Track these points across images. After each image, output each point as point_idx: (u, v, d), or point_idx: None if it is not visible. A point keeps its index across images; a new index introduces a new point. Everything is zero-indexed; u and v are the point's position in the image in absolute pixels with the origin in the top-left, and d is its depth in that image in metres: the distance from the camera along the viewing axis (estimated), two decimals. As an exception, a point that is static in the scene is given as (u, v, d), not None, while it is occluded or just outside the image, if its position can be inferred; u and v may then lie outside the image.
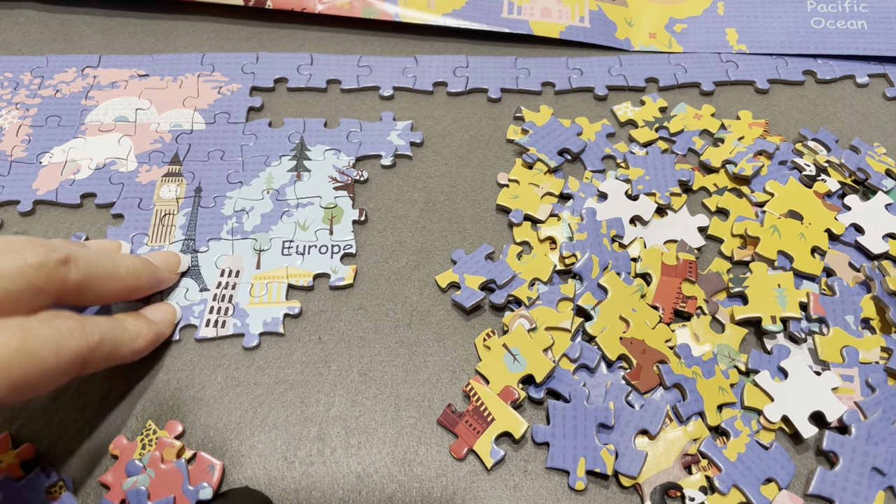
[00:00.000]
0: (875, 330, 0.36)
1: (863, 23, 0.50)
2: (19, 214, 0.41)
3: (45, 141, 0.44)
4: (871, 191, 0.42)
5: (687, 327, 0.37)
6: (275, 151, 0.44)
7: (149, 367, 0.36)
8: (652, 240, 0.40)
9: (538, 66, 0.49)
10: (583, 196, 0.42)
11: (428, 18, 0.49)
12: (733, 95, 0.48)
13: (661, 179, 0.42)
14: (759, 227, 0.39)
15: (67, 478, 0.32)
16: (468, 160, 0.44)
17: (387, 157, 0.44)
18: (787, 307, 0.37)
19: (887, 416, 0.34)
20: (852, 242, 0.40)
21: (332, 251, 0.40)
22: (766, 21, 0.50)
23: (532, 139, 0.44)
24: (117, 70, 0.48)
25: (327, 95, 0.47)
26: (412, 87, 0.47)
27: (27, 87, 0.46)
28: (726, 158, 0.43)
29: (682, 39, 0.50)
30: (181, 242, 0.40)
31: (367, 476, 0.33)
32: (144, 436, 0.33)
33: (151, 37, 0.50)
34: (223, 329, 0.37)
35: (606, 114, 0.47)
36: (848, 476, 0.32)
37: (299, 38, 0.50)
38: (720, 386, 0.35)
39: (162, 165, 0.43)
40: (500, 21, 0.50)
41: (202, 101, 0.46)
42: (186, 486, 0.32)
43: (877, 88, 0.48)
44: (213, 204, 0.41)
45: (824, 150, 0.44)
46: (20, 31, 0.50)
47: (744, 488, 0.32)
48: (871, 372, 0.35)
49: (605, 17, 0.51)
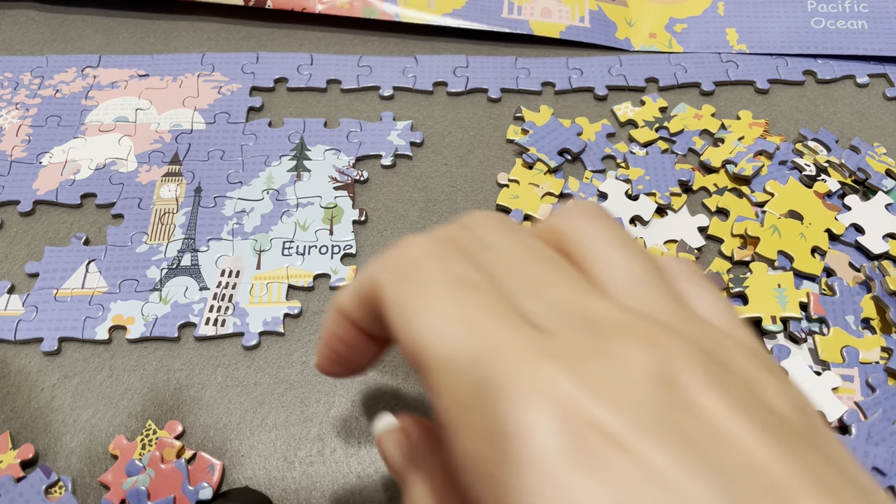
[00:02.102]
0: (875, 330, 0.36)
1: (863, 23, 0.50)
2: (19, 214, 0.41)
3: (45, 141, 0.44)
4: (871, 191, 0.42)
5: (687, 327, 0.37)
6: (275, 151, 0.44)
7: (149, 367, 0.36)
8: (652, 240, 0.40)
9: (538, 66, 0.49)
10: (583, 196, 0.42)
11: (428, 18, 0.49)
12: (733, 95, 0.48)
13: (661, 179, 0.42)
14: (759, 227, 0.39)
15: (67, 478, 0.32)
16: (468, 160, 0.44)
17: (387, 157, 0.44)
18: (787, 307, 0.37)
19: (887, 416, 0.34)
20: (852, 242, 0.40)
21: (332, 251, 0.40)
22: (767, 21, 0.50)
23: (532, 139, 0.44)
24: (117, 70, 0.48)
25: (327, 95, 0.47)
26: (412, 87, 0.47)
27: (27, 87, 0.46)
28: (726, 158, 0.43)
29: (683, 39, 0.50)
30: (181, 241, 0.40)
31: (367, 476, 0.33)
32: (144, 436, 0.33)
33: (151, 37, 0.50)
34: (223, 328, 0.37)
35: (606, 114, 0.47)
36: (848, 476, 0.32)
37: (299, 38, 0.50)
38: (720, 386, 0.34)
39: (162, 165, 0.43)
40: (500, 21, 0.50)
41: (202, 101, 0.46)
42: (186, 486, 0.32)
43: (877, 88, 0.48)
44: (213, 204, 0.41)
45: (824, 150, 0.44)
46: (20, 31, 0.50)
47: (744, 488, 0.32)
48: (872, 372, 0.35)
49: (605, 17, 0.51)
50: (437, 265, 0.17)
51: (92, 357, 0.36)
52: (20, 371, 0.36)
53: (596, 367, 0.15)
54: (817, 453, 0.15)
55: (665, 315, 0.17)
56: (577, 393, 0.14)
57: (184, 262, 0.39)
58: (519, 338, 0.15)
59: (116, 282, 0.38)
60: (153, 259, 0.39)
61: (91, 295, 0.38)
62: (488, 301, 0.16)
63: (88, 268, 0.39)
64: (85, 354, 0.36)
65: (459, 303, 0.16)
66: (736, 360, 0.16)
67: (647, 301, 0.17)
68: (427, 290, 0.17)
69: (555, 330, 0.16)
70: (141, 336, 0.36)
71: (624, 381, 0.14)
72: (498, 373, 0.14)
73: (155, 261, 0.39)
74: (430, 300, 0.17)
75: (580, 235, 0.19)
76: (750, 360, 0.16)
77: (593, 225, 0.19)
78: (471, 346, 0.15)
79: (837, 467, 0.15)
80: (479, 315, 0.16)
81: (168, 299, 0.38)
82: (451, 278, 0.17)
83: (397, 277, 0.18)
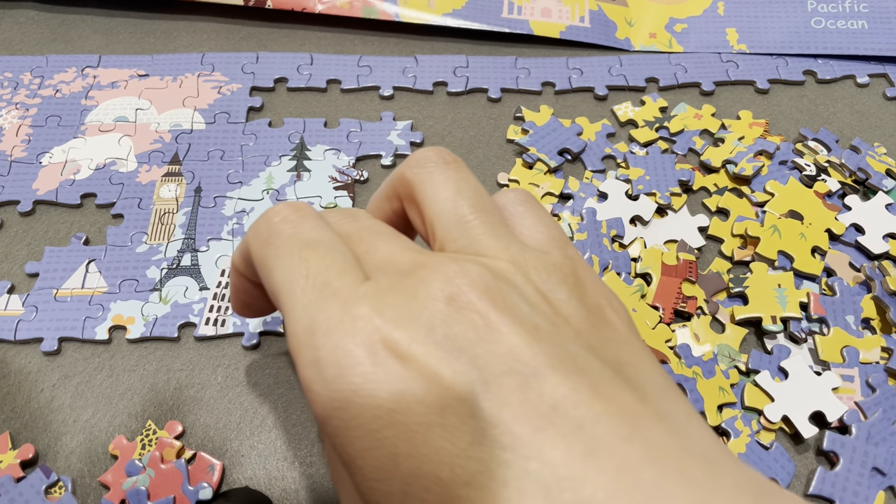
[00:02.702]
0: (875, 330, 0.36)
1: (863, 23, 0.50)
2: (19, 214, 0.41)
3: (45, 141, 0.44)
4: (871, 191, 0.42)
5: (687, 327, 0.37)
6: (275, 151, 0.44)
7: (149, 367, 0.36)
8: (652, 240, 0.40)
9: (538, 66, 0.49)
10: (583, 196, 0.42)
11: (428, 18, 0.49)
12: (733, 95, 0.48)
13: (662, 179, 0.42)
14: (759, 227, 0.39)
15: (67, 478, 0.32)
16: (468, 160, 0.44)
17: (387, 156, 0.44)
18: (787, 307, 0.37)
19: (888, 417, 0.34)
20: (853, 242, 0.40)
21: (332, 251, 0.40)
22: (767, 21, 0.50)
23: (532, 139, 0.44)
24: (117, 70, 0.48)
25: (327, 95, 0.47)
26: (412, 87, 0.47)
27: (27, 86, 0.46)
28: (726, 158, 0.43)
29: (683, 39, 0.50)
30: (181, 241, 0.40)
31: (367, 476, 0.33)
32: (144, 436, 0.33)
33: (151, 37, 0.50)
34: (223, 328, 0.37)
35: (606, 114, 0.47)
36: (848, 476, 0.32)
37: (299, 38, 0.50)
38: (720, 386, 0.35)
39: (162, 165, 0.43)
40: (500, 21, 0.50)
41: (202, 101, 0.46)
42: (186, 487, 0.32)
43: (877, 88, 0.48)
44: (213, 204, 0.41)
45: (825, 150, 0.44)
46: (20, 31, 0.50)
47: (744, 488, 0.32)
48: (872, 372, 0.35)
49: (605, 16, 0.51)
50: (290, 230, 0.22)
51: (92, 357, 0.36)
52: (20, 371, 0.36)
53: (399, 301, 0.19)
54: (585, 348, 0.19)
55: (479, 248, 0.21)
56: (379, 323, 0.18)
57: (184, 262, 0.39)
58: (344, 286, 0.20)
59: (116, 282, 0.38)
60: (153, 259, 0.39)
61: (91, 295, 0.38)
62: (328, 260, 0.21)
63: (88, 268, 0.39)
64: (85, 354, 0.36)
65: (303, 261, 0.21)
66: (533, 276, 0.21)
67: (466, 240, 0.22)
68: (279, 252, 0.21)
69: (376, 277, 0.20)
70: (141, 336, 0.36)
71: (418, 308, 0.19)
72: (321, 315, 0.19)
73: (155, 261, 0.39)
74: (280, 260, 0.21)
75: (418, 183, 0.24)
76: (548, 274, 0.21)
77: (429, 172, 0.24)
78: (306, 295, 0.20)
79: (603, 359, 0.19)
80: (316, 271, 0.20)
81: (168, 299, 0.38)
82: (300, 241, 0.21)
83: (259, 242, 0.22)
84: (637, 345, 0.21)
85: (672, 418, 0.18)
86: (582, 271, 0.22)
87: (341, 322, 0.19)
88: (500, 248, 0.22)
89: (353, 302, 0.19)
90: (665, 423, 0.18)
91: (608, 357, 0.19)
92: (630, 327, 0.22)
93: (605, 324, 0.21)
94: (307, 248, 0.21)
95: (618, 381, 0.19)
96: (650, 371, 0.20)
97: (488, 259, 0.21)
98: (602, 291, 0.22)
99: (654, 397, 0.19)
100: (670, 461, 0.17)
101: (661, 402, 0.19)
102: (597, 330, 0.20)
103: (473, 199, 0.23)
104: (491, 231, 0.22)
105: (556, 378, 0.18)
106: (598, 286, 0.22)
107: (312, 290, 0.20)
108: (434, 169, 0.24)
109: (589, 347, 0.19)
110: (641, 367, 0.20)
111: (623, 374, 0.19)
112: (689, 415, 0.19)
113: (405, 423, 0.18)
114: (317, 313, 0.19)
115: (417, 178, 0.24)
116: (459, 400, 0.18)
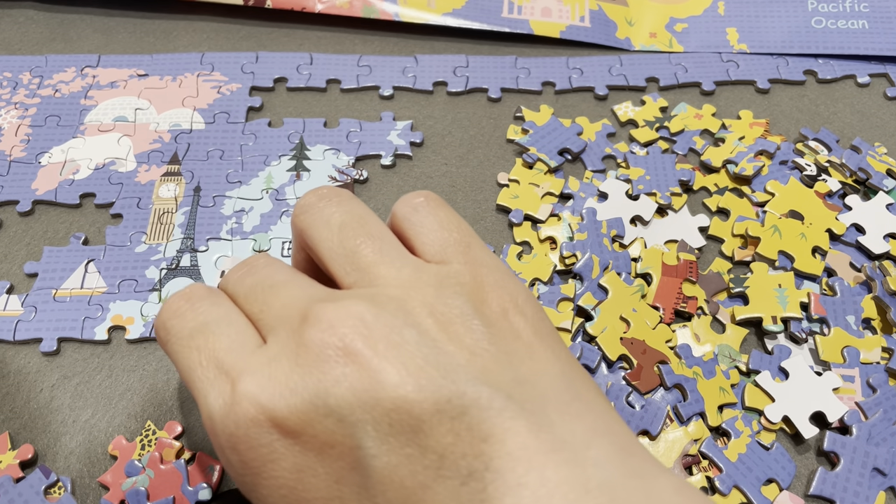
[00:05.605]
0: (876, 330, 0.36)
1: (864, 22, 0.50)
2: (18, 214, 0.41)
3: (44, 141, 0.44)
4: (872, 191, 0.42)
5: (687, 327, 0.37)
6: (274, 151, 0.44)
7: (148, 367, 0.36)
8: (652, 240, 0.40)
9: (538, 65, 0.48)
10: (583, 196, 0.42)
11: (428, 18, 0.49)
12: (734, 95, 0.48)
13: (662, 179, 0.42)
14: (759, 227, 0.39)
15: (66, 478, 0.32)
16: (468, 160, 0.44)
17: (387, 156, 0.44)
18: (787, 307, 0.37)
19: (888, 417, 0.33)
20: (853, 242, 0.39)
21: (331, 251, 0.39)
22: (767, 21, 0.50)
23: (532, 139, 0.44)
24: (117, 70, 0.48)
25: (327, 95, 0.47)
26: (412, 86, 0.47)
27: (26, 86, 0.46)
28: (727, 158, 0.43)
29: (683, 39, 0.50)
30: (180, 241, 0.40)
31: (366, 477, 0.33)
32: (144, 436, 0.33)
33: (151, 36, 0.50)
34: (223, 329, 0.37)
35: (607, 113, 0.47)
36: (849, 476, 0.32)
37: (299, 38, 0.50)
38: (721, 386, 0.34)
39: (161, 165, 0.43)
40: (500, 21, 0.50)
41: (201, 101, 0.46)
42: (186, 487, 0.32)
43: (878, 88, 0.48)
44: (212, 203, 0.41)
45: (825, 149, 0.44)
46: (19, 31, 0.50)
47: (745, 489, 0.32)
48: (872, 372, 0.35)
49: (605, 16, 0.51)
50: (179, 324, 0.24)
51: (91, 357, 0.36)
52: (19, 371, 0.35)
53: (284, 371, 0.20)
54: (475, 378, 0.19)
55: (371, 279, 0.22)
56: (264, 400, 0.20)
57: (183, 262, 0.39)
58: (234, 363, 0.21)
59: (115, 282, 0.38)
60: (152, 259, 0.39)
61: (90, 295, 0.37)
62: (216, 339, 0.22)
63: (87, 268, 0.38)
64: (84, 355, 0.36)
65: (195, 350, 0.22)
66: (428, 296, 0.21)
67: (357, 273, 0.22)
68: (174, 348, 0.24)
69: (270, 338, 0.22)
70: (140, 336, 0.36)
71: (302, 375, 0.19)
72: (216, 403, 0.21)
73: (154, 261, 0.39)
74: (178, 356, 0.23)
75: (306, 229, 0.24)
76: (443, 291, 0.21)
77: (312, 216, 0.24)
78: (203, 384, 0.22)
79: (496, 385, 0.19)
80: (207, 355, 0.22)
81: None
82: (189, 331, 0.23)
83: (161, 342, 0.25)
84: (539, 348, 0.21)
85: (570, 445, 0.18)
86: (484, 274, 0.22)
87: (231, 408, 0.20)
88: (391, 275, 0.21)
89: (242, 380, 0.20)
90: (562, 454, 0.17)
91: (504, 379, 0.19)
92: (535, 326, 0.21)
93: (507, 334, 0.20)
94: (197, 336, 0.23)
95: (510, 410, 0.18)
96: (551, 381, 0.20)
97: (378, 290, 0.21)
98: (506, 291, 0.22)
99: (552, 418, 0.18)
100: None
101: (561, 424, 0.18)
102: (495, 346, 0.20)
103: (358, 229, 0.23)
104: (380, 258, 0.22)
105: (441, 428, 0.18)
106: (500, 287, 0.22)
107: (207, 376, 0.21)
108: (315, 211, 0.24)
109: (482, 374, 0.19)
110: (542, 380, 0.19)
111: (518, 397, 0.19)
112: (591, 431, 0.19)
113: (308, 500, 0.19)
114: (213, 401, 0.21)
115: (304, 224, 0.24)
116: (351, 469, 0.18)
